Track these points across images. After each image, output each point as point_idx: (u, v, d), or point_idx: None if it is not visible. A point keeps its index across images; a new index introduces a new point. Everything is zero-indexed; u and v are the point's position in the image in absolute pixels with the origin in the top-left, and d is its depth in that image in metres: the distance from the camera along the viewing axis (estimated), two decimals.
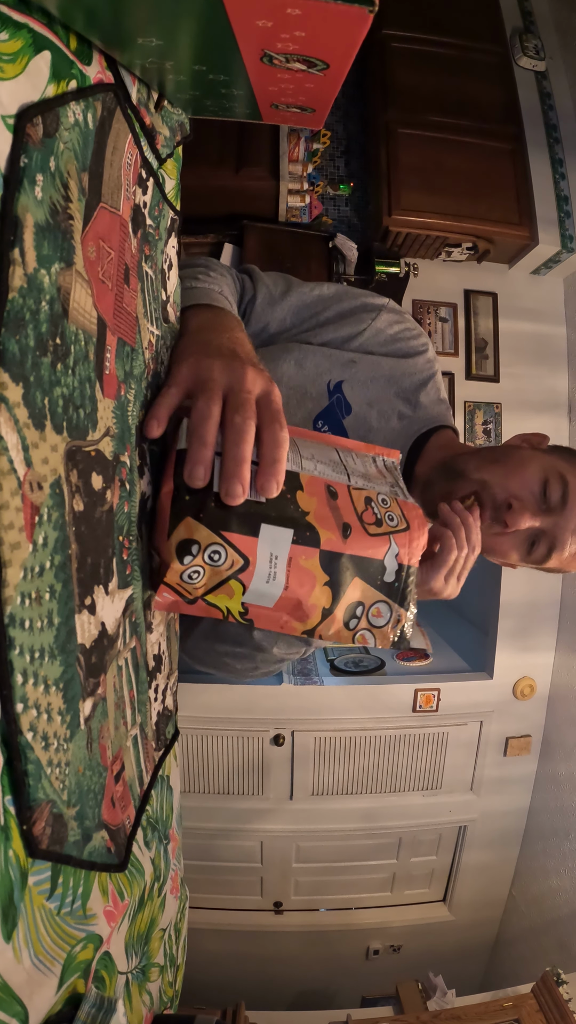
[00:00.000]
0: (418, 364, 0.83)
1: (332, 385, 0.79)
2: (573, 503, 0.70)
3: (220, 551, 0.45)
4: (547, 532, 0.71)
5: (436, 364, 0.86)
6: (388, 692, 2.70)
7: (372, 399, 0.80)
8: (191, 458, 0.44)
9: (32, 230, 0.29)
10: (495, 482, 0.71)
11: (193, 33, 0.37)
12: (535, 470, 0.71)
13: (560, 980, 2.00)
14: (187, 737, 2.66)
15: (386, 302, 0.83)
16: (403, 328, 0.83)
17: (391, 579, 0.53)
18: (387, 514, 0.54)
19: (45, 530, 0.31)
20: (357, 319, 0.81)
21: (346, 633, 0.52)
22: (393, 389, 0.82)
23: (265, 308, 0.80)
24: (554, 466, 0.72)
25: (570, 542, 0.71)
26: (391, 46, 2.46)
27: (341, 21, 0.35)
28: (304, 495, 0.50)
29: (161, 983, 0.56)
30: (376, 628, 0.54)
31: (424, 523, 0.56)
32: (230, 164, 2.30)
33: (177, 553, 0.45)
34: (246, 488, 0.45)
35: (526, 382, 2.66)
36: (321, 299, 0.82)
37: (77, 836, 0.36)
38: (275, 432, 0.46)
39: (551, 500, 0.70)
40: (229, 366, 0.49)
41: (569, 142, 2.59)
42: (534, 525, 0.70)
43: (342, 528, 0.50)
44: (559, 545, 0.71)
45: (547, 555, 0.72)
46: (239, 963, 2.98)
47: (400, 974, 2.35)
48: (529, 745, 2.89)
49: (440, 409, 0.84)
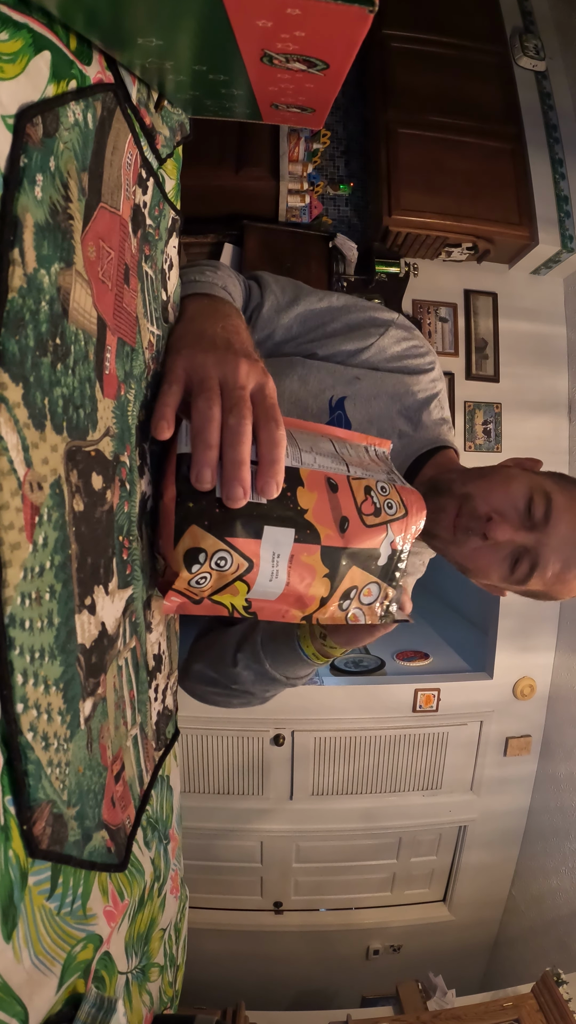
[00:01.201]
0: (423, 383, 0.82)
1: (334, 401, 0.78)
2: (557, 521, 0.68)
3: (226, 557, 0.46)
4: (530, 549, 0.69)
5: (441, 383, 0.85)
6: (388, 692, 2.70)
7: (373, 416, 0.79)
8: (196, 461, 0.44)
9: (32, 230, 0.29)
10: (478, 495, 0.70)
11: (193, 33, 0.37)
12: (520, 486, 0.70)
13: (560, 980, 2.00)
14: (187, 737, 2.66)
15: (395, 317, 0.82)
16: (411, 345, 0.82)
17: (384, 562, 0.55)
18: (386, 502, 0.56)
19: (45, 530, 0.31)
20: (365, 333, 0.80)
21: (339, 614, 0.55)
22: (396, 407, 0.81)
23: (272, 316, 0.79)
24: (540, 484, 0.70)
25: (553, 561, 0.69)
26: (391, 46, 2.46)
27: (341, 21, 0.35)
28: (304, 491, 0.51)
29: (161, 983, 0.56)
30: (365, 606, 0.56)
31: (422, 507, 0.58)
32: (230, 164, 2.30)
33: (185, 562, 0.45)
34: (247, 491, 0.45)
35: (526, 382, 2.66)
36: (330, 310, 0.81)
37: (77, 836, 0.36)
38: (272, 431, 0.46)
39: (535, 516, 0.68)
40: (223, 360, 0.48)
41: (569, 142, 2.59)
42: (515, 540, 0.68)
43: (340, 523, 0.52)
44: (541, 563, 0.69)
45: (529, 573, 0.69)
46: (239, 963, 2.98)
47: (400, 974, 2.36)
48: (529, 745, 2.89)
49: (441, 429, 0.83)
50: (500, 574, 0.71)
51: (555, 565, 0.69)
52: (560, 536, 0.68)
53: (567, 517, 0.68)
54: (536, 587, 0.72)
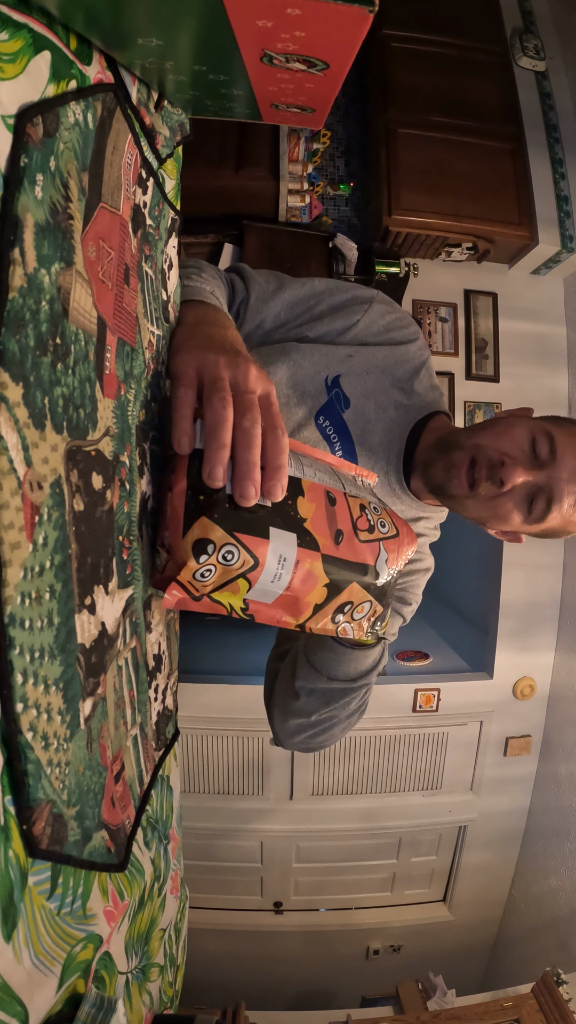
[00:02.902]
0: (410, 352, 0.85)
1: (330, 380, 0.81)
2: (562, 454, 0.72)
3: (233, 551, 0.47)
4: (543, 486, 0.72)
5: (427, 351, 0.88)
6: (388, 692, 2.70)
7: (369, 391, 0.82)
8: (210, 459, 0.45)
9: (32, 230, 0.29)
10: (488, 444, 0.74)
11: (193, 33, 0.37)
12: (522, 430, 0.74)
13: (560, 980, 2.00)
14: (187, 737, 2.66)
15: (375, 293, 0.86)
16: (395, 318, 0.86)
17: (381, 582, 0.57)
18: (379, 521, 0.58)
19: (45, 530, 0.31)
20: (350, 311, 0.83)
21: (331, 627, 0.57)
22: (389, 379, 0.83)
23: (259, 305, 0.81)
24: (540, 425, 0.74)
25: (567, 492, 0.72)
26: (391, 46, 2.46)
27: (341, 21, 0.35)
28: (304, 501, 0.52)
29: (161, 983, 0.56)
30: (355, 621, 0.59)
31: (412, 533, 0.61)
32: (230, 164, 2.30)
33: (193, 551, 0.46)
34: (259, 490, 0.46)
35: (526, 382, 2.66)
36: (313, 293, 0.84)
37: (77, 836, 0.36)
38: (278, 437, 0.48)
39: (541, 455, 0.72)
40: (233, 362, 0.50)
41: (569, 142, 2.59)
42: (528, 479, 0.72)
43: (335, 535, 0.53)
44: (557, 496, 0.72)
45: (547, 509, 0.73)
46: (239, 963, 2.98)
47: (400, 974, 2.36)
48: (529, 745, 2.89)
49: (434, 395, 0.87)
50: (519, 517, 0.74)
51: (570, 497, 0.73)
52: (569, 468, 0.72)
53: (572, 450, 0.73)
54: (555, 522, 0.75)
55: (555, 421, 0.77)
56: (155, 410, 0.50)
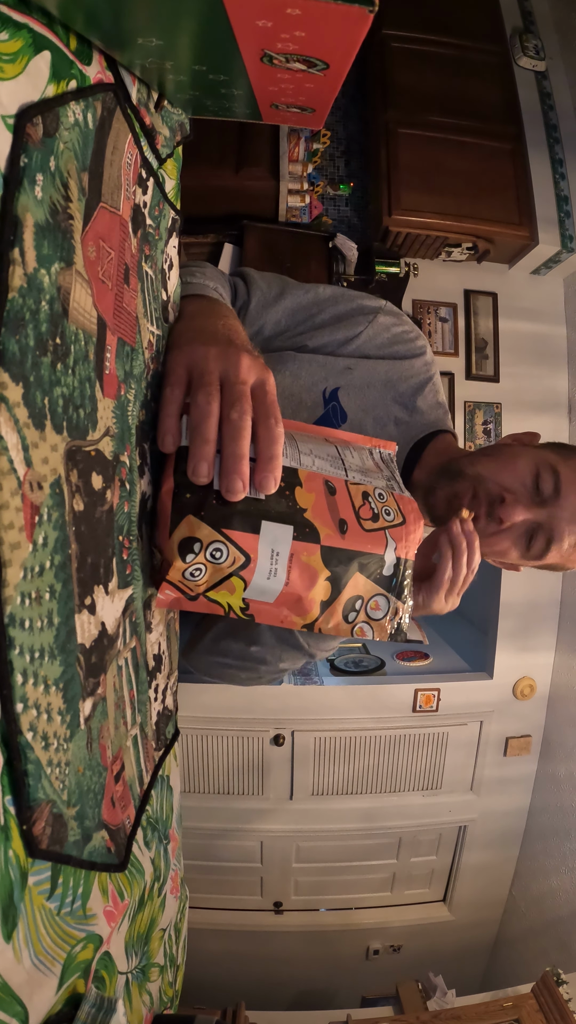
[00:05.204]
0: (415, 367, 0.82)
1: (328, 393, 0.78)
2: (567, 493, 0.69)
3: (222, 548, 0.46)
4: (543, 524, 0.70)
5: (434, 367, 0.84)
6: (388, 692, 2.70)
7: (368, 405, 0.79)
8: (194, 455, 0.44)
9: (32, 230, 0.29)
10: (489, 476, 0.71)
11: (193, 33, 0.37)
12: (526, 463, 0.71)
13: (560, 980, 2.00)
14: (187, 737, 2.66)
15: (383, 304, 0.82)
16: (401, 331, 0.82)
17: (389, 573, 0.54)
18: (384, 508, 0.55)
19: (45, 530, 0.31)
20: (353, 322, 0.80)
21: (345, 626, 0.53)
22: (390, 394, 0.81)
23: (260, 310, 0.79)
24: (545, 458, 0.72)
25: (568, 533, 0.70)
26: (391, 46, 2.46)
27: (341, 21, 0.35)
28: (302, 491, 0.50)
29: (161, 983, 0.56)
30: (374, 621, 0.55)
31: (419, 516, 0.58)
32: (230, 164, 2.30)
33: (179, 551, 0.45)
34: (246, 484, 0.45)
35: (526, 382, 2.66)
36: (317, 301, 0.81)
37: (77, 836, 0.36)
38: (270, 427, 0.46)
39: (544, 492, 0.70)
40: (224, 353, 0.48)
41: (569, 142, 2.59)
42: (528, 518, 0.70)
43: (339, 524, 0.51)
44: (557, 537, 0.70)
45: (546, 548, 0.71)
46: (239, 963, 2.98)
47: (400, 974, 2.35)
48: (529, 745, 2.89)
49: (438, 413, 0.83)
50: (518, 552, 0.73)
51: (570, 537, 0.71)
52: (571, 508, 0.70)
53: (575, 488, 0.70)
54: (553, 560, 0.73)
55: (561, 452, 0.74)
56: (155, 410, 0.50)
